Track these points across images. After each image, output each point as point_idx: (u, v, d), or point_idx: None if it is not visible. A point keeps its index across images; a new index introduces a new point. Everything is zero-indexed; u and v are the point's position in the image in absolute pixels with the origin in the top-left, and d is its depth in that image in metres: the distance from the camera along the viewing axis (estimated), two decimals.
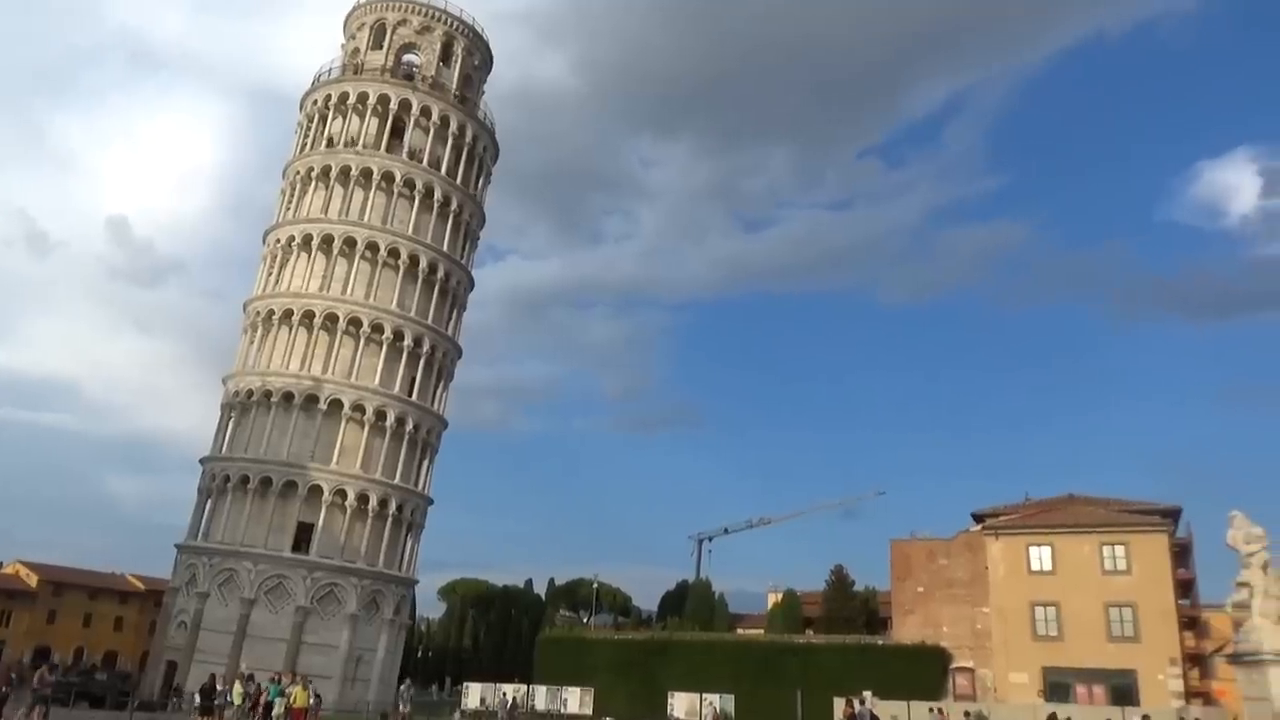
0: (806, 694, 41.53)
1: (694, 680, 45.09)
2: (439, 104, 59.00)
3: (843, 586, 69.41)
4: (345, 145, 57.45)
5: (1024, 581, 45.02)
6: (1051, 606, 44.08)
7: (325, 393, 51.77)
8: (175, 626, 49.87)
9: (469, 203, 60.41)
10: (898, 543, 50.23)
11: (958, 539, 48.83)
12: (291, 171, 58.57)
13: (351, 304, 53.68)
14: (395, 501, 53.04)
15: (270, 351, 53.85)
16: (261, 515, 49.90)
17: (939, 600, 47.17)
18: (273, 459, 50.71)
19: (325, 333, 53.36)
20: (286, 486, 50.23)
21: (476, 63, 64.57)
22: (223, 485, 51.42)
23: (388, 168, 56.35)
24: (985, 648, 45.20)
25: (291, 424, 51.38)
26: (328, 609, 49.25)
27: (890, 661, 45.15)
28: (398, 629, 53.80)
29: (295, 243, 55.47)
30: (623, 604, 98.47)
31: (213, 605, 48.63)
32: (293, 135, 61.53)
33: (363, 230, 54.91)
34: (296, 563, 49.13)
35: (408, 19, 61.51)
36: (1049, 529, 45.99)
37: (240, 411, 53.42)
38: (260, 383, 52.60)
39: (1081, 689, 41.93)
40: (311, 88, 60.55)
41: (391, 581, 52.91)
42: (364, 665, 50.32)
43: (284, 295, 54.47)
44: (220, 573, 49.14)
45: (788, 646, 49.15)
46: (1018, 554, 45.69)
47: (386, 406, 53.12)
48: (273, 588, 48.64)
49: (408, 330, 54.80)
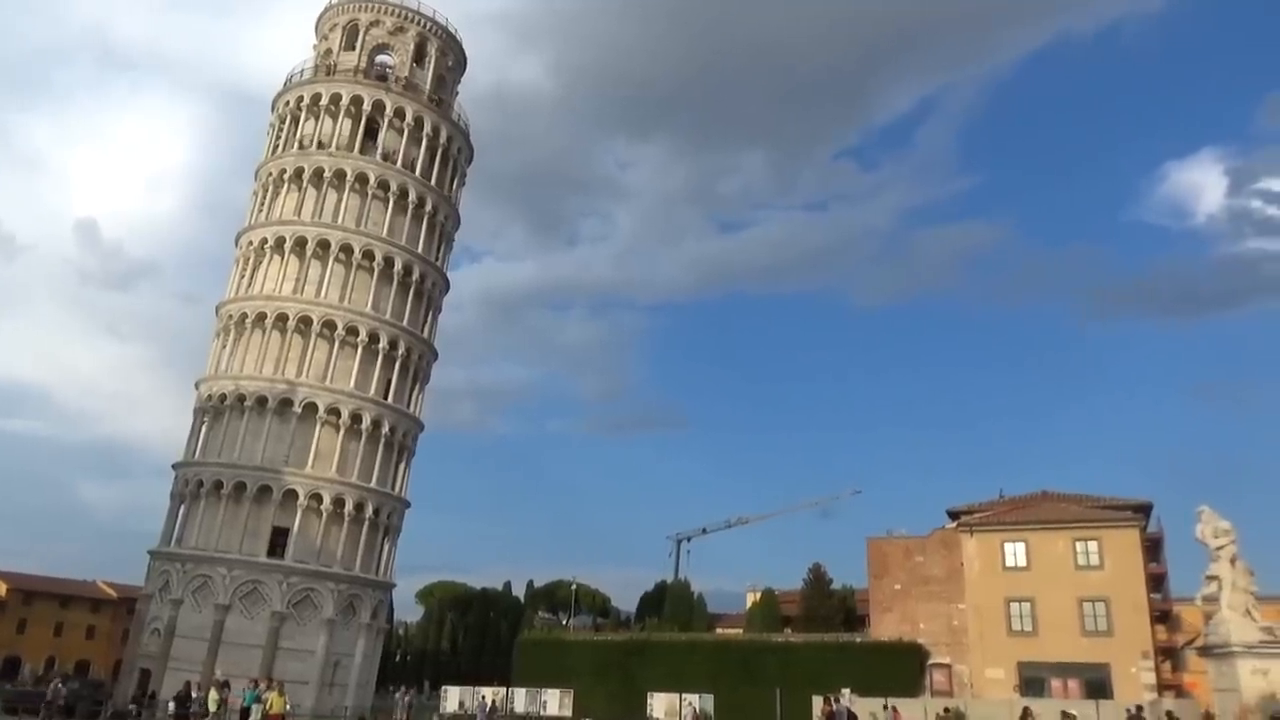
0: (786, 692, 41.72)
1: (673, 680, 45.13)
2: (412, 105, 58.68)
3: (821, 585, 69.80)
4: (318, 147, 56.99)
5: (999, 578, 45.47)
6: (1026, 602, 44.54)
7: (300, 396, 51.35)
8: (149, 634, 49.24)
9: (443, 204, 60.15)
10: (874, 541, 50.56)
11: (934, 536, 49.23)
12: (264, 173, 58.04)
13: (326, 306, 53.28)
14: (372, 505, 52.68)
15: (244, 355, 53.32)
16: (236, 520, 49.39)
17: (916, 597, 47.53)
18: (247, 463, 50.19)
19: (299, 336, 52.92)
20: (261, 491, 49.75)
21: (450, 64, 64.31)
22: (196, 490, 50.86)
23: (361, 169, 56.00)
24: (962, 644, 45.59)
25: (266, 428, 50.91)
26: (304, 614, 48.83)
27: (868, 659, 45.40)
28: (375, 633, 53.45)
29: (268, 245, 54.94)
30: (602, 605, 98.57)
31: (187, 612, 48.04)
32: (265, 136, 60.98)
33: (336, 232, 54.52)
34: (272, 568, 48.65)
35: (381, 20, 61.15)
36: (1023, 525, 46.47)
37: (213, 416, 52.86)
38: (234, 386, 52.07)
39: (1056, 683, 42.41)
40: (283, 89, 60.06)
41: (369, 585, 52.54)
42: (341, 670, 49.94)
43: (257, 298, 53.96)
44: (194, 579, 48.57)
45: (767, 645, 49.34)
46: (993, 551, 46.14)
47: (362, 409, 52.77)
48: (248, 593, 48.16)
49: (383, 333, 54.46)
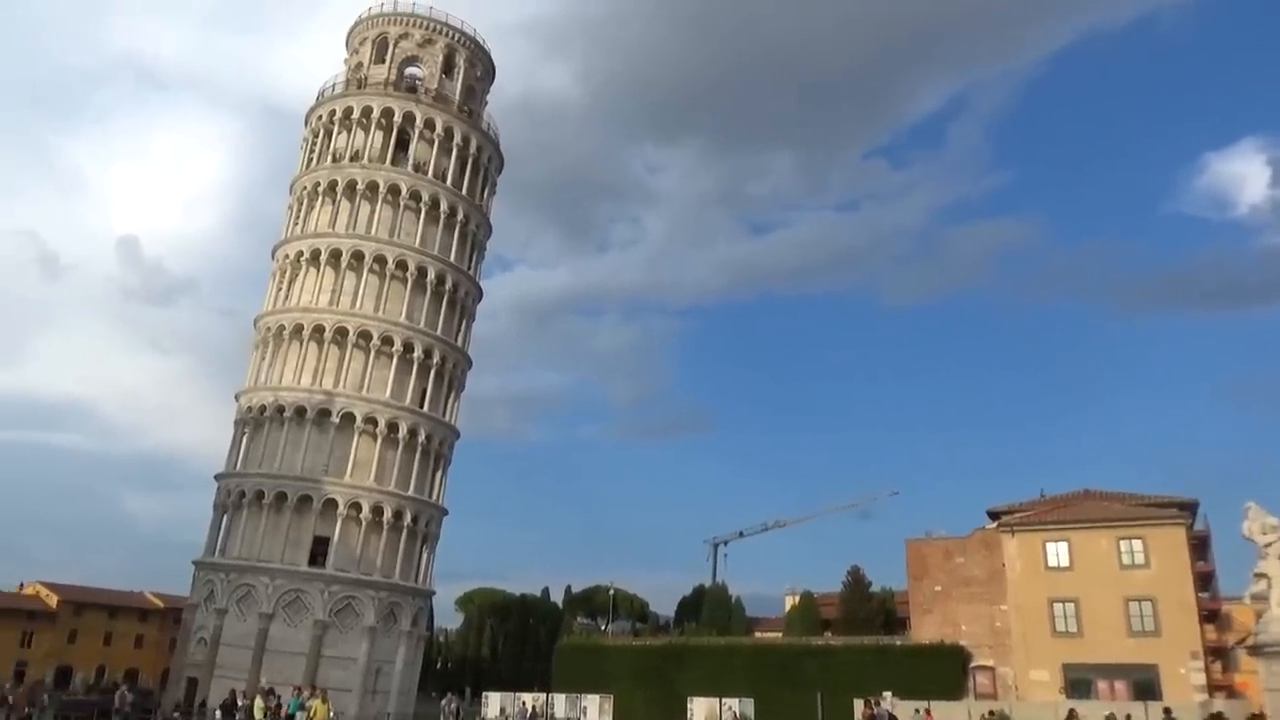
0: (826, 696, 41.43)
1: (713, 685, 45.01)
2: (442, 116, 59.28)
3: (860, 588, 69.30)
4: (351, 159, 57.77)
5: (1041, 578, 44.82)
6: (1070, 603, 43.86)
7: (337, 406, 52.00)
8: (195, 643, 50.08)
9: (475, 213, 60.65)
10: (913, 542, 50.09)
11: (974, 537, 48.65)
12: (298, 187, 58.96)
13: (361, 317, 53.93)
14: (410, 513, 53.19)
15: (282, 366, 54.13)
16: (277, 530, 50.12)
17: (957, 599, 47.01)
18: (287, 473, 50.92)
19: (336, 346, 53.62)
20: (301, 501, 50.45)
21: (479, 74, 64.87)
22: (238, 501, 51.67)
23: (393, 180, 56.66)
24: (1005, 645, 45.00)
25: (305, 438, 51.63)
26: (346, 622, 49.41)
27: (909, 662, 44.98)
28: (416, 640, 53.91)
29: (304, 258, 55.79)
30: (640, 610, 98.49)
31: (231, 621, 48.84)
32: (299, 151, 61.94)
33: (370, 244, 55.20)
34: (313, 576, 49.30)
35: (410, 32, 61.87)
36: (1065, 525, 45.76)
37: (254, 427, 53.69)
38: (273, 398, 52.87)
39: (1103, 685, 41.69)
40: (316, 103, 60.98)
41: (408, 593, 53.03)
42: (383, 677, 50.44)
43: (294, 310, 54.78)
44: (238, 588, 49.36)
45: (806, 649, 49.04)
46: (1034, 551, 45.50)
47: (398, 418, 53.33)
48: (290, 602, 48.84)
49: (417, 342, 55.01)
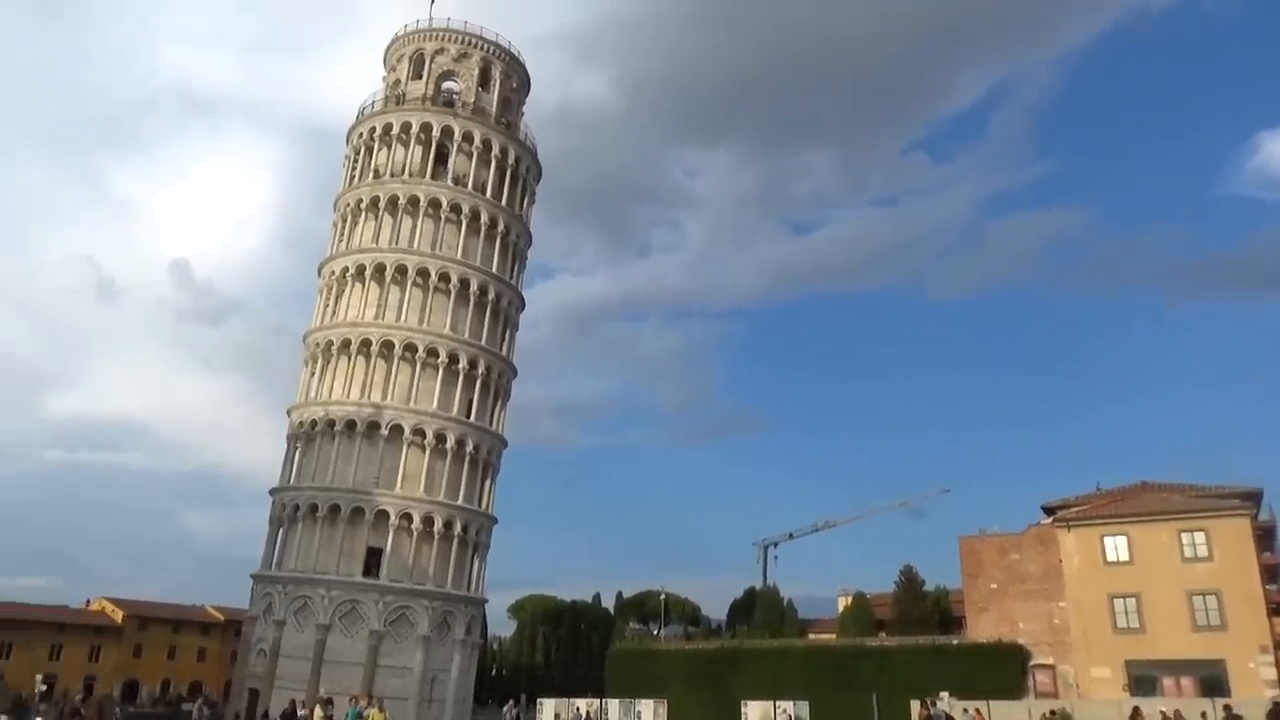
0: (882, 697, 40.92)
1: (767, 688, 44.70)
2: (480, 128, 59.92)
3: (913, 587, 68.45)
4: (392, 175, 58.62)
5: (1100, 573, 43.82)
6: (1131, 598, 42.80)
7: (386, 419, 52.72)
8: (255, 655, 51.07)
9: (515, 224, 61.16)
10: (966, 539, 49.30)
11: (1029, 533, 47.76)
12: (342, 204, 59.97)
13: (407, 330, 54.65)
14: (460, 522, 53.72)
15: (331, 381, 55.04)
16: (331, 542, 50.94)
17: (1013, 596, 46.16)
18: (339, 486, 51.75)
19: (383, 360, 54.40)
20: (354, 513, 51.21)
21: (515, 85, 65.45)
22: (293, 514, 52.62)
23: (434, 194, 57.38)
24: (1065, 643, 44.06)
25: (355, 451, 52.42)
26: (401, 631, 50.04)
27: (967, 661, 44.24)
28: (470, 648, 54.39)
29: (349, 273, 56.71)
30: (691, 614, 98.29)
31: (289, 632, 49.72)
32: (341, 168, 63.04)
33: (413, 257, 55.94)
34: (368, 587, 50.02)
35: (445, 47, 62.66)
36: (1123, 518, 44.68)
37: (306, 441, 54.65)
38: (323, 412, 53.77)
39: (1168, 681, 40.61)
40: (356, 121, 62.03)
41: (461, 602, 53.55)
42: (439, 685, 50.99)
43: (341, 325, 55.70)
44: (295, 600, 50.25)
45: (861, 650, 48.53)
46: (1092, 545, 44.50)
47: (446, 429, 53.90)
48: (346, 613, 49.58)
49: (463, 353, 55.58)
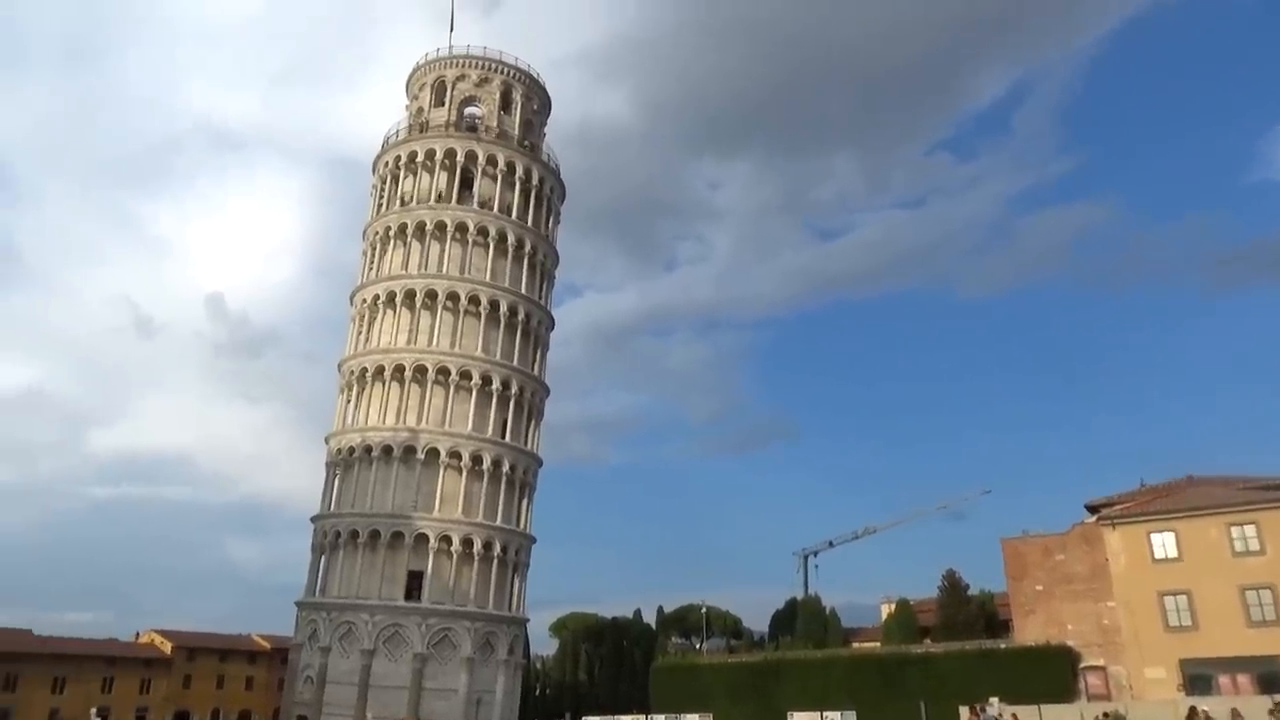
0: (929, 704, 40.43)
1: (812, 698, 44.38)
2: (503, 152, 60.56)
3: (956, 592, 67.47)
4: (418, 201, 59.37)
5: (1149, 571, 43.00)
6: (1182, 595, 41.92)
7: (422, 443, 53.18)
8: (302, 681, 51.55)
9: (542, 244, 61.62)
10: (1009, 541, 48.59)
11: (1073, 532, 46.99)
12: (371, 233, 60.80)
13: (439, 354, 55.17)
14: (499, 543, 53.96)
15: (367, 407, 55.65)
16: (373, 567, 51.37)
17: (1060, 598, 45.42)
18: (378, 512, 52.23)
19: (416, 384, 54.94)
20: (394, 537, 51.63)
21: (535, 107, 66.10)
22: (334, 541, 53.15)
23: (460, 219, 58.00)
24: (1116, 644, 43.23)
25: (393, 476, 52.92)
26: (444, 654, 50.28)
27: (1015, 665, 43.55)
28: (513, 668, 54.50)
29: (380, 301, 57.43)
30: (733, 627, 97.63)
31: (335, 658, 50.15)
32: (368, 197, 63.93)
33: (443, 281, 56.53)
34: (410, 610, 50.35)
35: (466, 73, 63.48)
36: (1170, 514, 43.82)
37: (344, 468, 55.24)
38: (360, 439, 54.36)
39: (1225, 679, 39.67)
40: (381, 150, 62.95)
41: (503, 622, 53.71)
42: (484, 707, 51.09)
43: (375, 352, 56.37)
44: (339, 626, 50.70)
45: (906, 657, 47.97)
46: (1139, 543, 43.69)
47: (482, 451, 54.25)
48: (390, 637, 49.94)
49: (495, 374, 55.99)
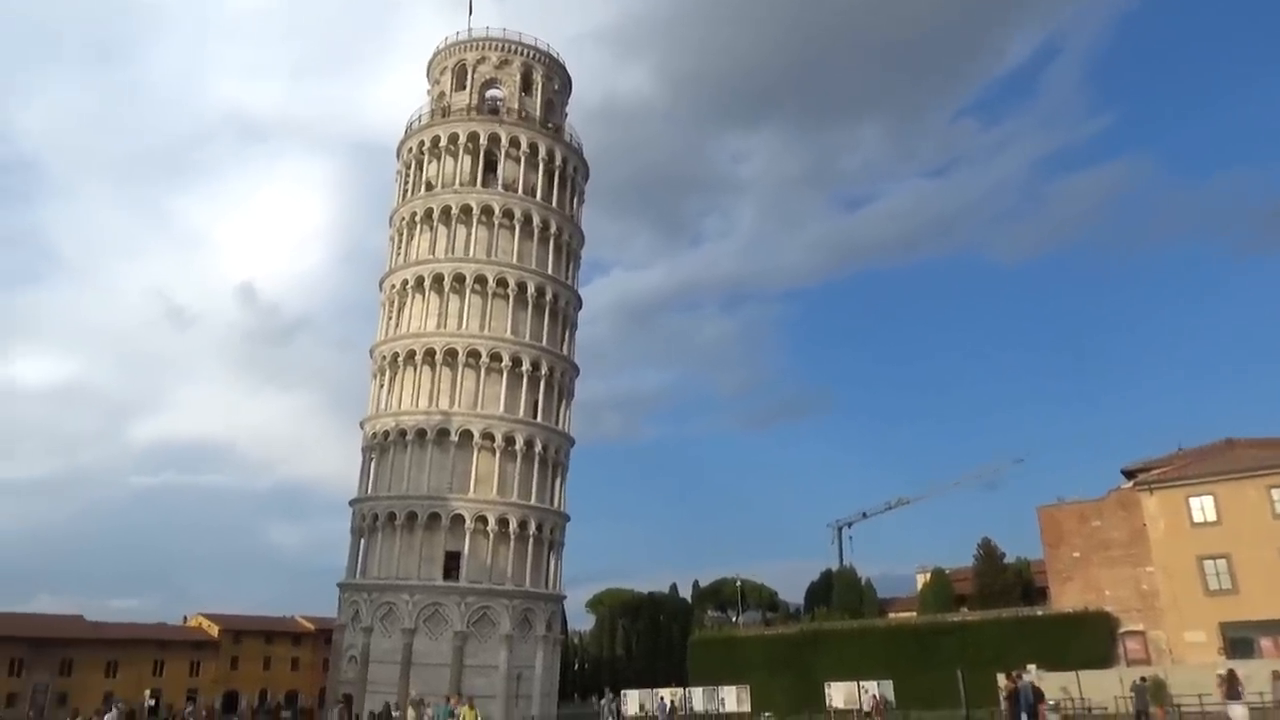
0: (966, 673, 40.53)
1: (849, 669, 44.66)
2: (526, 133, 60.62)
3: (992, 560, 67.47)
4: (443, 186, 59.69)
5: (1187, 535, 42.72)
6: (1221, 559, 41.63)
7: (455, 425, 53.81)
8: (346, 661, 52.66)
9: (566, 224, 61.76)
10: (1045, 509, 48.48)
11: (1109, 498, 46.76)
12: (397, 218, 61.26)
13: (469, 337, 55.65)
14: (534, 522, 54.59)
15: (399, 392, 56.34)
16: (411, 548, 52.22)
17: (1097, 564, 45.29)
18: (415, 494, 53.01)
19: (448, 368, 55.50)
20: (431, 519, 52.41)
21: (556, 87, 66.01)
22: (372, 524, 54.06)
23: (486, 201, 58.25)
24: (1155, 609, 43.08)
25: (428, 458, 53.62)
26: (483, 631, 51.11)
27: (1053, 631, 43.59)
28: (552, 644, 55.30)
29: (409, 285, 57.95)
30: (769, 599, 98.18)
31: (377, 638, 51.16)
32: (394, 183, 64.34)
33: (470, 265, 56.92)
34: (449, 590, 51.18)
35: (486, 56, 63.50)
36: (1208, 478, 43.41)
37: (379, 452, 56.06)
38: (394, 423, 55.10)
39: (1266, 642, 39.43)
40: (405, 136, 63.24)
41: (540, 599, 54.45)
42: (524, 682, 51.97)
43: (405, 337, 56.97)
44: (380, 606, 51.66)
45: (943, 626, 48.11)
46: (1177, 507, 43.39)
47: (514, 431, 54.80)
48: (430, 616, 50.83)
49: (524, 355, 56.41)
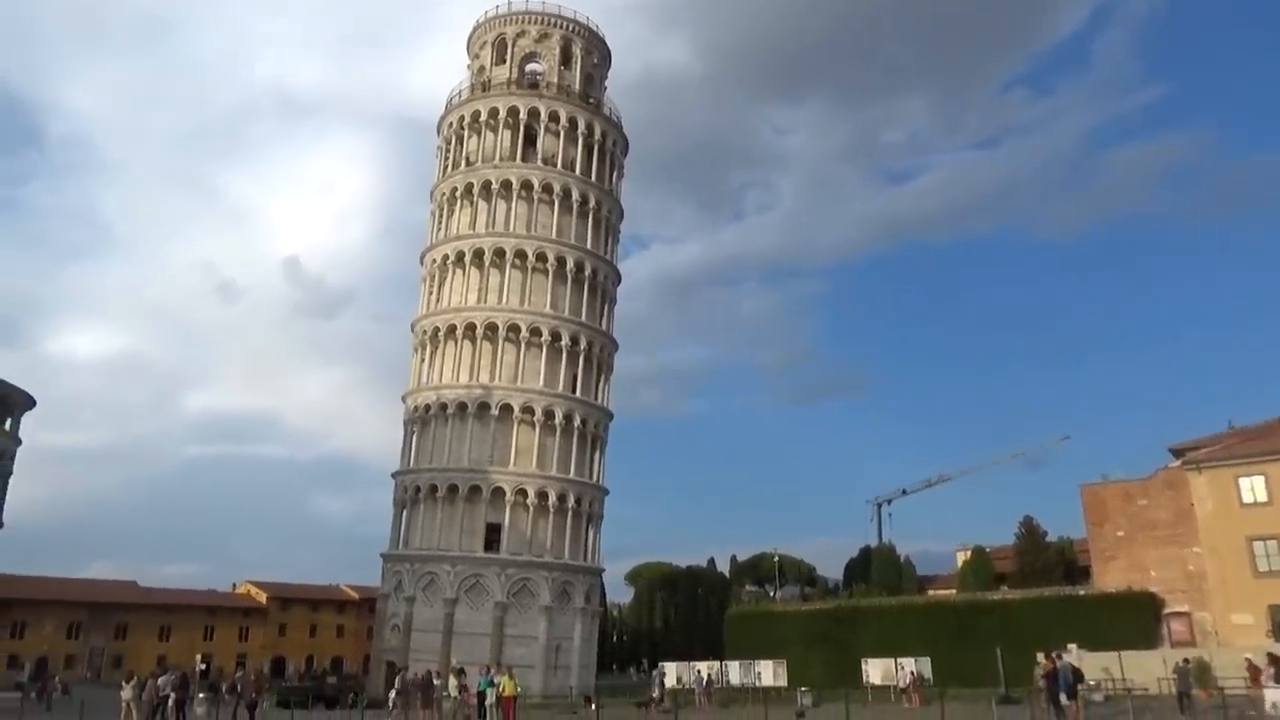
0: (1005, 652, 40.27)
1: (887, 646, 44.51)
2: (565, 107, 60.51)
3: (1034, 538, 66.66)
4: (483, 160, 59.83)
5: (1236, 516, 41.81)
6: (1272, 540, 40.66)
7: (495, 399, 54.30)
8: (390, 630, 53.73)
9: (606, 198, 61.67)
10: (1089, 487, 47.70)
11: (1156, 477, 45.89)
12: (438, 194, 61.60)
13: (509, 311, 56.01)
14: (573, 495, 55.04)
15: (441, 366, 56.95)
16: (453, 520, 52.98)
17: (1142, 543, 44.52)
18: (456, 466, 53.68)
19: (488, 342, 55.93)
20: (472, 491, 53.10)
21: (596, 60, 65.68)
22: (415, 495, 54.89)
23: (525, 176, 58.34)
24: (1201, 590, 42.30)
25: (469, 432, 54.23)
26: (523, 602, 51.83)
27: (1095, 611, 43.02)
28: (590, 616, 55.91)
29: (450, 260, 58.37)
30: (807, 575, 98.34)
31: (420, 607, 52.10)
32: (434, 158, 64.65)
33: (510, 240, 57.14)
34: (490, 561, 51.93)
35: (526, 30, 63.34)
36: (1260, 457, 42.33)
37: (421, 425, 56.80)
38: (435, 396, 55.75)
39: None
40: (446, 111, 63.45)
41: (579, 572, 55.01)
42: (563, 653, 52.65)
43: (446, 311, 57.46)
44: (422, 576, 52.57)
45: (982, 604, 47.75)
46: (1226, 487, 42.46)
47: (553, 405, 55.17)
48: (471, 586, 51.64)
49: (564, 330, 56.64)
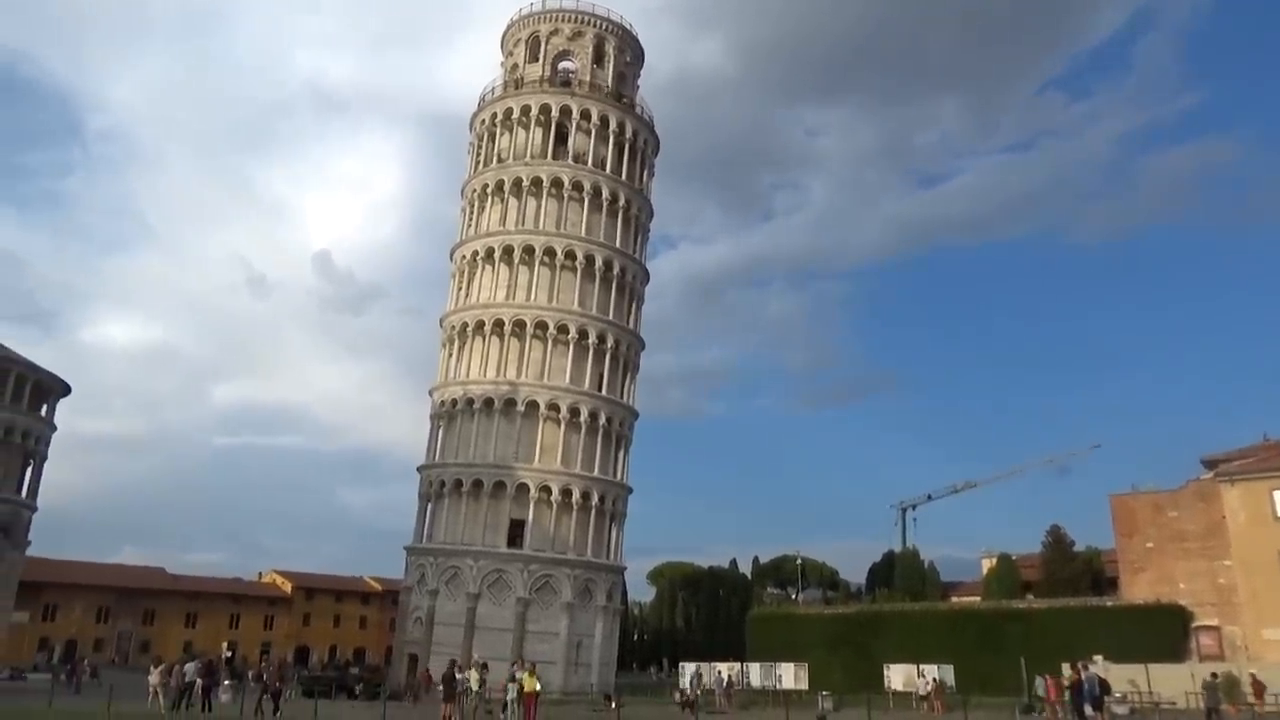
0: (1029, 661, 39.93)
1: (909, 651, 44.27)
2: (597, 105, 60.66)
3: (1061, 547, 66.10)
4: (514, 158, 60.13)
5: (1270, 529, 41.24)
6: None
7: (522, 395, 54.57)
8: (413, 622, 54.15)
9: (636, 197, 61.76)
10: (1119, 497, 47.28)
11: (1187, 488, 45.37)
12: (469, 190, 61.98)
13: (537, 309, 56.24)
14: (597, 493, 55.20)
15: (468, 361, 57.29)
16: (476, 515, 53.30)
17: (1171, 555, 44.04)
18: (481, 462, 54.01)
19: (515, 339, 56.22)
20: (496, 487, 53.38)
21: (628, 59, 65.78)
22: (439, 490, 55.29)
23: (556, 174, 58.56)
24: (1232, 604, 41.82)
25: (494, 428, 54.54)
26: (545, 599, 52.03)
27: (1122, 623, 42.62)
28: (612, 614, 56.02)
29: (479, 257, 58.72)
30: (829, 578, 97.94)
31: (443, 601, 52.47)
32: (466, 155, 65.03)
33: (539, 237, 57.38)
34: (513, 557, 52.18)
35: (559, 28, 63.56)
36: None
37: (447, 420, 57.18)
38: (462, 392, 56.11)
39: None
40: (478, 108, 63.80)
41: (601, 569, 55.15)
42: (584, 650, 52.82)
43: (475, 307, 57.81)
44: (446, 571, 52.93)
45: (1007, 612, 47.48)
46: (1260, 500, 41.90)
47: (579, 403, 55.34)
48: (494, 582, 51.92)
49: (591, 328, 56.80)
